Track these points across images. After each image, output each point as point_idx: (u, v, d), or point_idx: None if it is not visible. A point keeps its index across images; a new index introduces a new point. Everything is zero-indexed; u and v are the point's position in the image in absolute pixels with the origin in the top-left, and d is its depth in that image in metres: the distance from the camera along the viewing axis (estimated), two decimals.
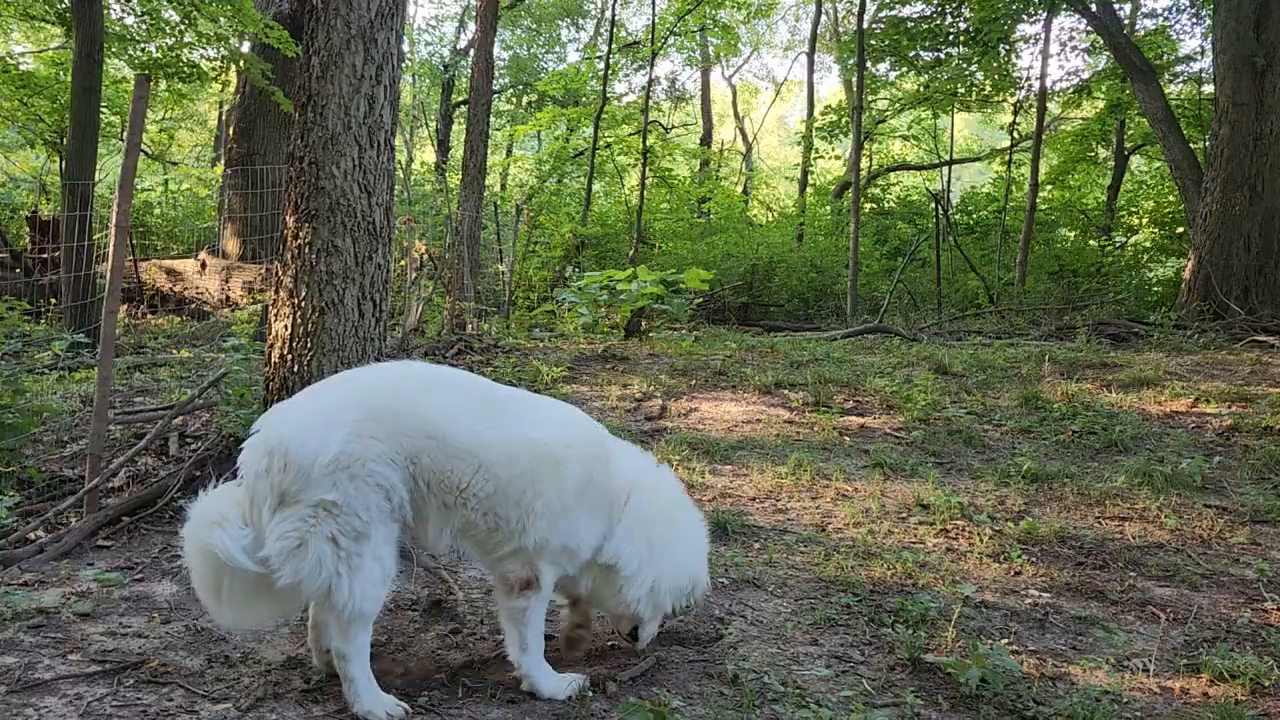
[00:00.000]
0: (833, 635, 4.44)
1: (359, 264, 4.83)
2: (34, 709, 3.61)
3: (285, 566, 3.50)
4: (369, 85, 4.76)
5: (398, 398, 3.73)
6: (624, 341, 12.70)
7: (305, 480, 3.50)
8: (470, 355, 10.83)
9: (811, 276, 20.98)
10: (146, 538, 5.65)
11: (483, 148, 14.31)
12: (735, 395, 9.51)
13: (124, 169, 5.57)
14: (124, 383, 9.46)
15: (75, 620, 4.43)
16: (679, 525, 4.14)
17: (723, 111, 40.92)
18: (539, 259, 18.96)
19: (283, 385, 4.96)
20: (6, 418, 6.39)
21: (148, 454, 7.12)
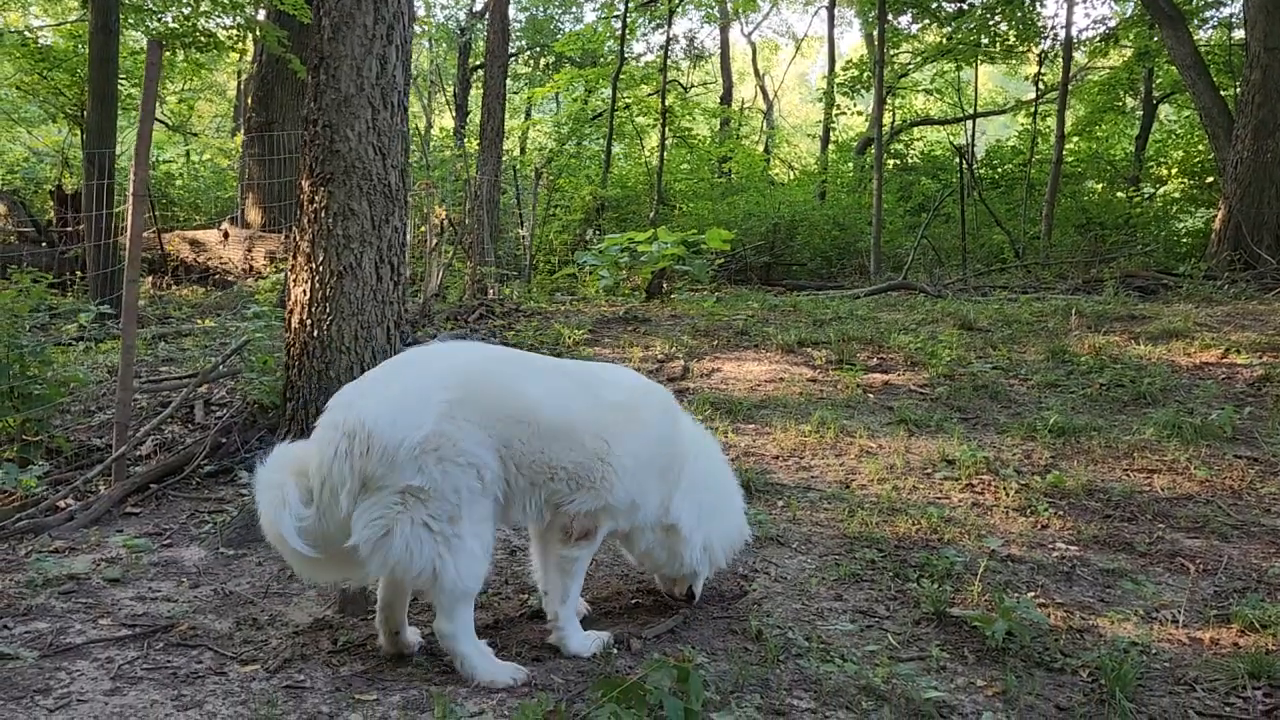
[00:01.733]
0: (857, 591, 4.43)
1: (375, 227, 4.81)
2: (66, 672, 3.65)
3: (374, 556, 3.42)
4: (380, 45, 4.71)
5: (488, 380, 3.65)
6: (645, 303, 12.66)
7: (390, 464, 3.39)
8: (492, 320, 10.83)
9: (834, 234, 20.79)
10: (174, 504, 5.71)
11: (500, 111, 14.22)
12: (758, 355, 9.47)
13: (139, 136, 5.56)
14: (149, 353, 9.53)
15: (105, 585, 4.48)
16: (725, 484, 4.23)
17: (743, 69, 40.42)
18: (559, 222, 18.88)
19: (303, 351, 4.96)
20: (34, 389, 6.45)
21: (174, 422, 7.19)
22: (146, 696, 3.48)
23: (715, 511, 4.10)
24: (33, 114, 29.12)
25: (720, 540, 4.12)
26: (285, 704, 3.43)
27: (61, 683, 3.57)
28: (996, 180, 25.64)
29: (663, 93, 21.56)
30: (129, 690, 3.53)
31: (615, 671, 3.65)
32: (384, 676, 3.66)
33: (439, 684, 3.60)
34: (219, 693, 3.52)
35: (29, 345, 6.49)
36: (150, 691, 3.52)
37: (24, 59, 22.29)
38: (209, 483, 6.02)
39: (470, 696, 3.48)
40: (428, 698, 3.45)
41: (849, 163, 28.12)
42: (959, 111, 30.15)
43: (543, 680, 3.58)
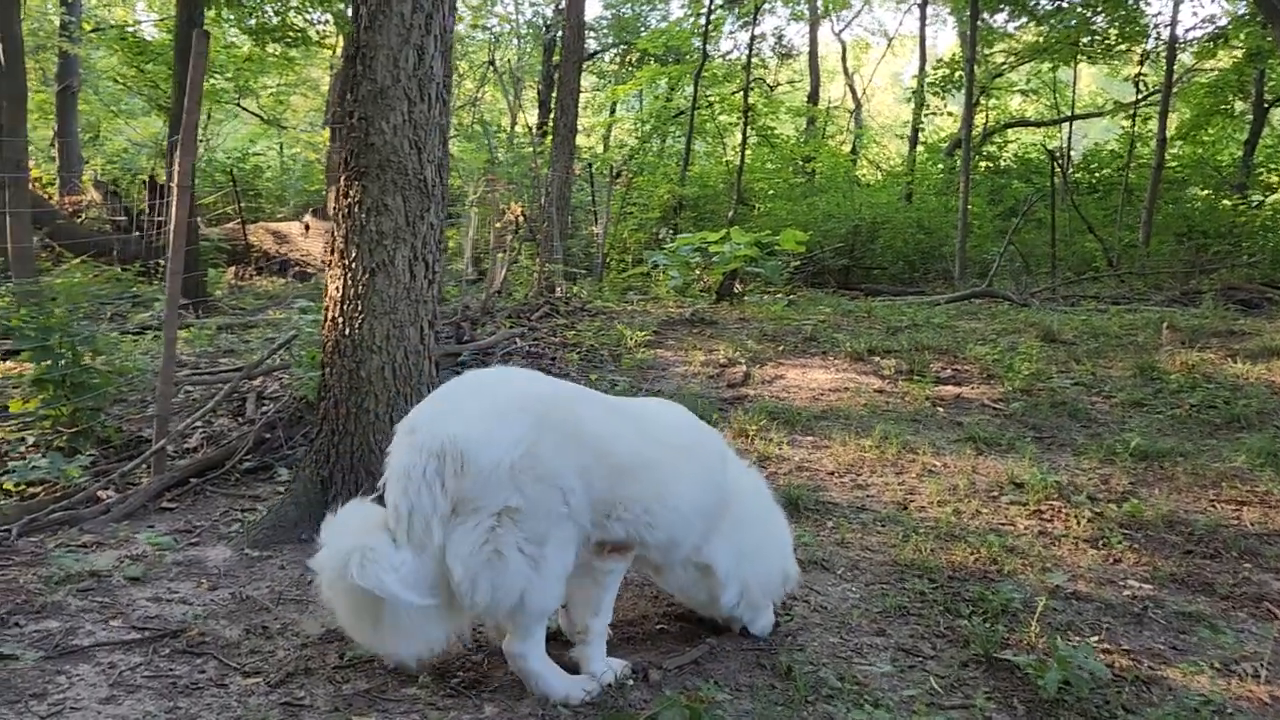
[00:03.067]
0: (903, 625, 4.10)
1: (410, 223, 4.64)
2: (66, 676, 3.55)
3: (479, 585, 3.19)
4: (418, 35, 4.53)
5: (565, 408, 3.46)
6: (715, 305, 12.38)
7: (487, 484, 3.18)
8: (555, 318, 10.66)
9: (918, 238, 20.20)
10: (210, 500, 5.63)
11: (573, 108, 14.05)
12: (824, 362, 9.12)
13: (184, 127, 5.49)
14: (212, 343, 9.58)
15: (124, 585, 4.39)
16: (768, 525, 4.02)
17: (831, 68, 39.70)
18: (635, 220, 18.66)
19: (335, 349, 4.82)
20: (86, 378, 6.45)
21: (225, 415, 7.16)
22: (141, 707, 3.34)
23: (756, 554, 3.89)
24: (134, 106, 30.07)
25: (759, 584, 3.90)
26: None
27: (59, 687, 3.46)
28: (1094, 185, 24.66)
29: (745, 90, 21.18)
30: (125, 699, 3.40)
31: (628, 705, 3.41)
32: (387, 697, 3.48)
33: (442, 708, 3.40)
34: (215, 707, 3.37)
35: (81, 333, 6.48)
36: (146, 702, 3.39)
37: (123, 52, 22.94)
38: (248, 479, 5.95)
39: None
40: None
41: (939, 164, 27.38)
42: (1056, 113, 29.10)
43: (547, 714, 3.35)
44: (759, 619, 3.98)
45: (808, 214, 19.81)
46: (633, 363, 8.74)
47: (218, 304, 13.19)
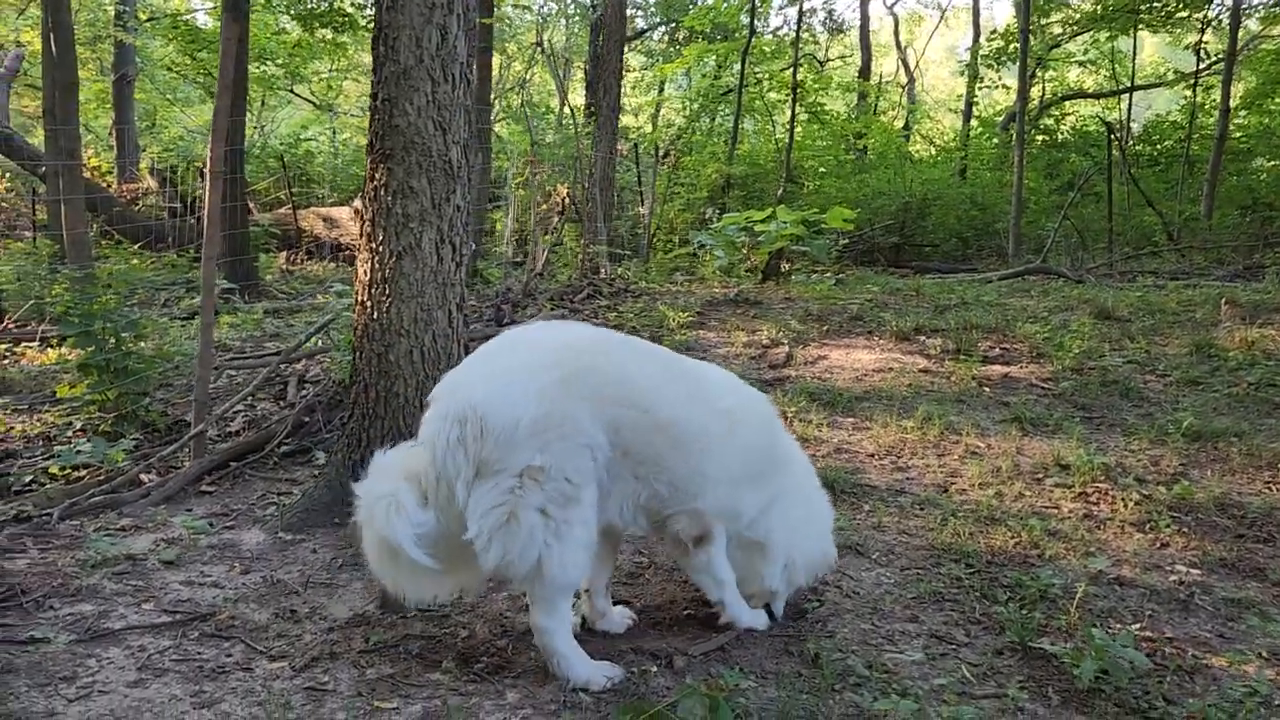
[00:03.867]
0: (937, 612, 4.00)
1: (435, 206, 4.60)
2: (97, 660, 3.59)
3: (493, 546, 3.21)
4: (441, 15, 4.47)
5: (599, 360, 3.45)
6: (760, 285, 12.24)
7: (508, 446, 3.18)
8: (598, 300, 10.61)
9: (972, 214, 19.80)
10: (249, 484, 5.68)
11: (616, 87, 13.93)
12: (869, 342, 8.97)
13: (216, 112, 5.51)
14: (259, 328, 9.67)
15: (159, 568, 4.44)
16: (813, 501, 3.99)
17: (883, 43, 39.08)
18: (682, 200, 18.52)
19: (364, 332, 4.81)
20: (129, 363, 6.54)
21: (266, 399, 7.23)
22: (167, 691, 3.37)
23: (802, 530, 3.86)
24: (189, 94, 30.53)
25: (804, 560, 3.87)
26: (302, 707, 3.27)
27: (89, 670, 3.50)
28: (1155, 158, 23.97)
29: (794, 67, 20.87)
30: (152, 683, 3.43)
31: (651, 692, 3.35)
32: (410, 682, 3.46)
33: (464, 693, 3.37)
34: (239, 691, 3.38)
35: (124, 319, 6.57)
36: (173, 685, 3.41)
37: (177, 41, 23.26)
38: (286, 463, 5.99)
39: (493, 712, 3.25)
40: (448, 710, 3.23)
41: (993, 139, 26.79)
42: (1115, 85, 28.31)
43: (570, 700, 3.31)
44: (779, 602, 3.94)
45: (857, 191, 19.51)
46: (673, 344, 8.65)
47: (268, 289, 13.33)
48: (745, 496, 3.71)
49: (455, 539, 3.31)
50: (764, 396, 4.02)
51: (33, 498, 5.39)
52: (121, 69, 24.92)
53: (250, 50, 21.73)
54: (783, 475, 3.86)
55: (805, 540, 3.87)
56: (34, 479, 5.75)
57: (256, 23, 21.83)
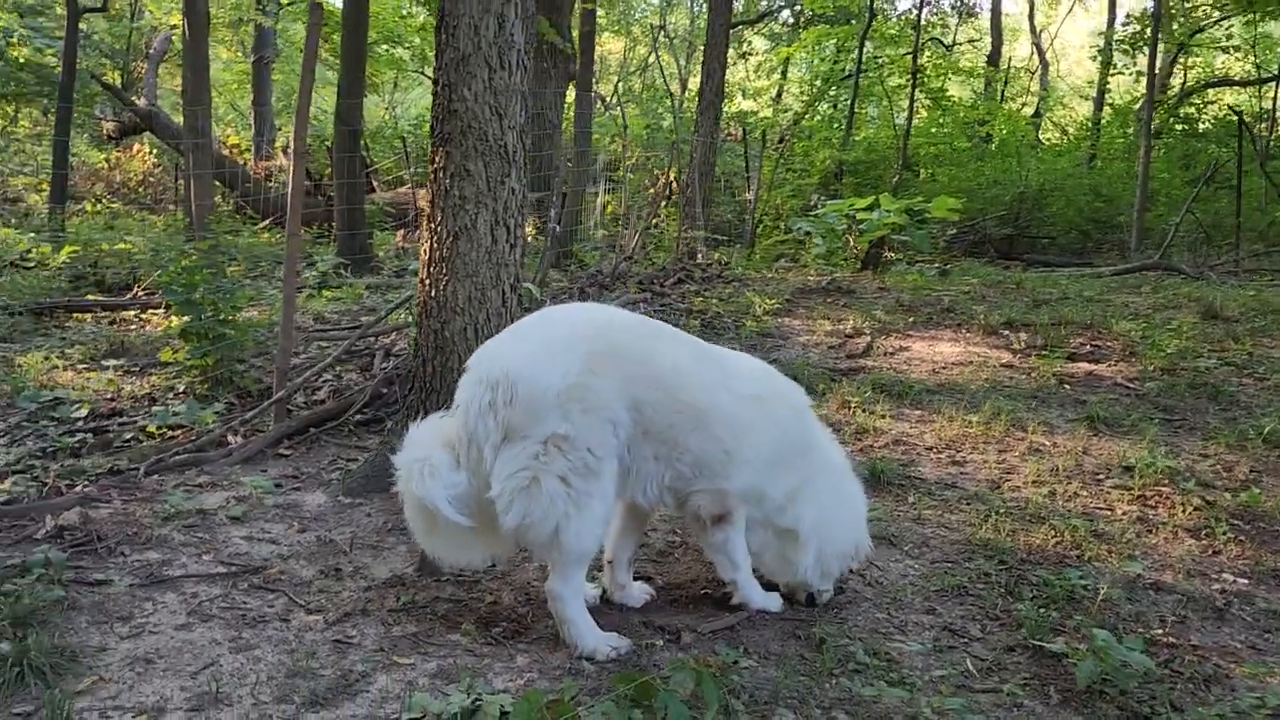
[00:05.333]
0: (956, 606, 3.99)
1: (490, 188, 4.77)
2: (153, 603, 3.90)
3: (513, 508, 3.39)
4: (499, 3, 4.63)
5: (626, 339, 3.62)
6: (857, 274, 12.12)
7: (535, 413, 3.36)
8: (688, 284, 10.70)
9: (1095, 206, 19.05)
10: (323, 449, 6.00)
11: (719, 73, 13.93)
12: (955, 334, 8.82)
13: (300, 93, 5.81)
14: (357, 302, 10.09)
15: (225, 523, 4.76)
16: (846, 491, 4.05)
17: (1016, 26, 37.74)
18: (791, 186, 18.38)
19: (424, 309, 5.03)
20: (225, 331, 6.95)
21: (354, 370, 7.58)
22: (209, 635, 3.64)
23: (835, 521, 3.92)
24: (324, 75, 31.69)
25: (836, 552, 3.93)
26: (326, 657, 3.50)
27: (144, 612, 3.81)
28: None
29: (914, 52, 20.43)
30: (197, 627, 3.71)
31: (654, 665, 3.47)
32: (430, 641, 3.66)
33: (479, 654, 3.55)
34: (274, 639, 3.63)
35: (222, 289, 6.98)
36: (215, 630, 3.69)
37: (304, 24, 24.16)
38: (360, 431, 6.29)
39: (502, 674, 3.42)
40: (458, 669, 3.41)
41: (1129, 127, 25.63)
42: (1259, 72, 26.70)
43: (575, 667, 3.45)
44: (824, 585, 3.98)
45: (972, 180, 19.00)
46: (754, 330, 8.69)
47: (379, 264, 13.83)
48: (772, 481, 3.79)
49: (485, 501, 3.49)
50: (797, 386, 4.08)
51: (128, 453, 5.82)
52: (261, 51, 26.11)
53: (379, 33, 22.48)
54: (813, 464, 3.93)
55: (837, 529, 3.92)
56: (133, 436, 6.20)
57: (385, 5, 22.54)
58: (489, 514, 3.51)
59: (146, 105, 20.76)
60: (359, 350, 7.86)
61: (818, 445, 4.00)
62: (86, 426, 6.32)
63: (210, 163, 13.17)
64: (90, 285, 11.41)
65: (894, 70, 24.33)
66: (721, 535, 3.79)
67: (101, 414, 6.60)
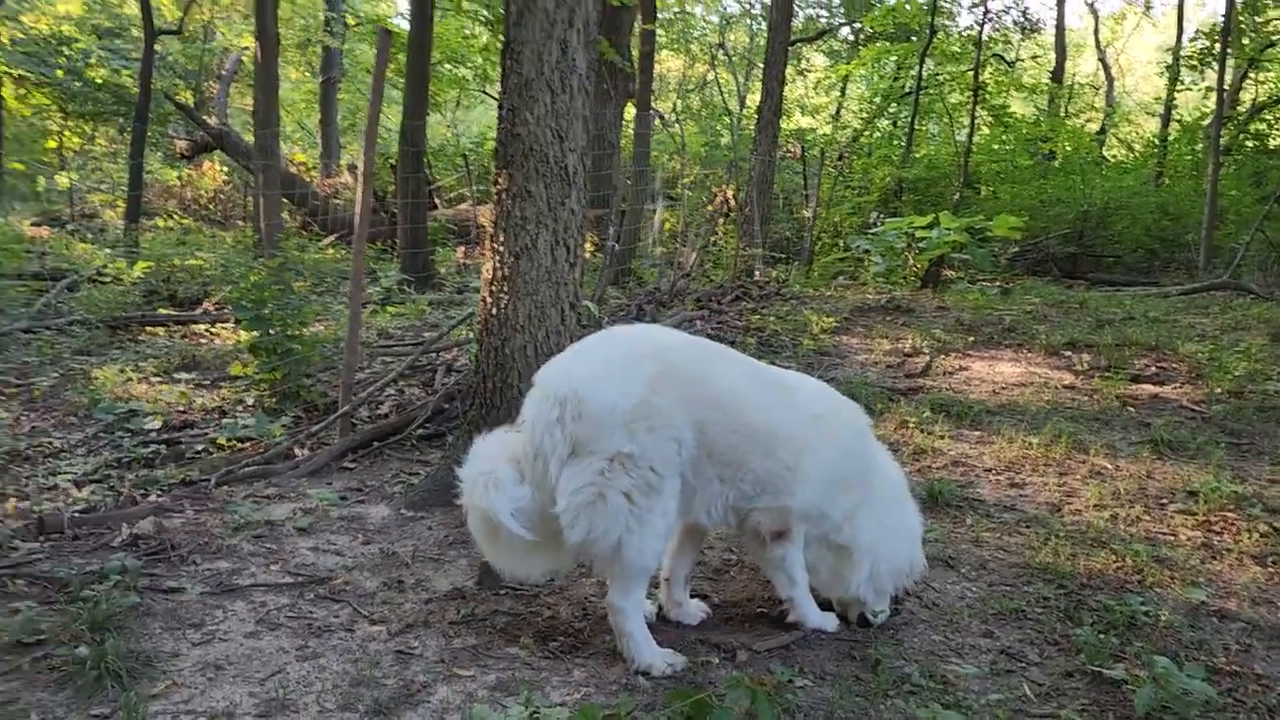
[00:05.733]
0: (1014, 629, 3.97)
1: (551, 209, 4.87)
2: (223, 611, 4.03)
3: (578, 523, 3.46)
4: (561, 29, 4.74)
5: (691, 363, 3.69)
6: (916, 292, 12.05)
7: (602, 430, 3.44)
8: (745, 302, 10.73)
9: (1162, 224, 18.68)
10: (386, 463, 6.13)
11: (778, 91, 13.96)
12: (1016, 354, 8.74)
13: (369, 119, 5.96)
14: (420, 318, 10.27)
15: (292, 534, 4.89)
16: (902, 510, 4.06)
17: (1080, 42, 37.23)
18: (850, 204, 18.31)
19: (485, 326, 5.14)
20: (293, 346, 7.14)
21: (416, 385, 7.72)
22: (277, 643, 3.76)
23: (889, 538, 3.94)
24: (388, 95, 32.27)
25: (889, 569, 3.94)
26: (389, 667, 3.58)
27: (214, 620, 3.94)
28: None
29: (975, 68, 20.27)
30: (265, 635, 3.83)
31: (709, 682, 3.50)
32: (490, 653, 3.73)
33: (536, 668, 3.62)
34: (339, 649, 3.73)
35: (290, 305, 7.17)
36: (283, 639, 3.80)
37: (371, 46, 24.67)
38: (422, 445, 6.41)
39: (559, 687, 3.48)
40: (517, 682, 3.47)
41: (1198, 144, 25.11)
42: None
43: (631, 682, 3.50)
44: (879, 605, 3.99)
45: (1035, 197, 18.76)
46: (811, 349, 8.69)
47: (441, 281, 14.06)
48: (832, 499, 3.82)
49: (550, 515, 3.56)
50: (856, 406, 4.11)
51: (199, 465, 6.00)
52: (328, 72, 26.73)
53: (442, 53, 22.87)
54: (872, 483, 3.95)
55: (892, 548, 3.93)
56: (204, 448, 6.40)
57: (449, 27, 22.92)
58: (551, 528, 3.58)
59: (218, 124, 21.33)
60: (421, 366, 8.01)
61: (876, 464, 4.03)
62: (159, 438, 6.53)
63: (279, 182, 13.49)
64: (163, 300, 11.76)
65: (955, 87, 24.15)
66: (780, 551, 3.83)
67: (174, 426, 6.81)
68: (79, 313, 10.33)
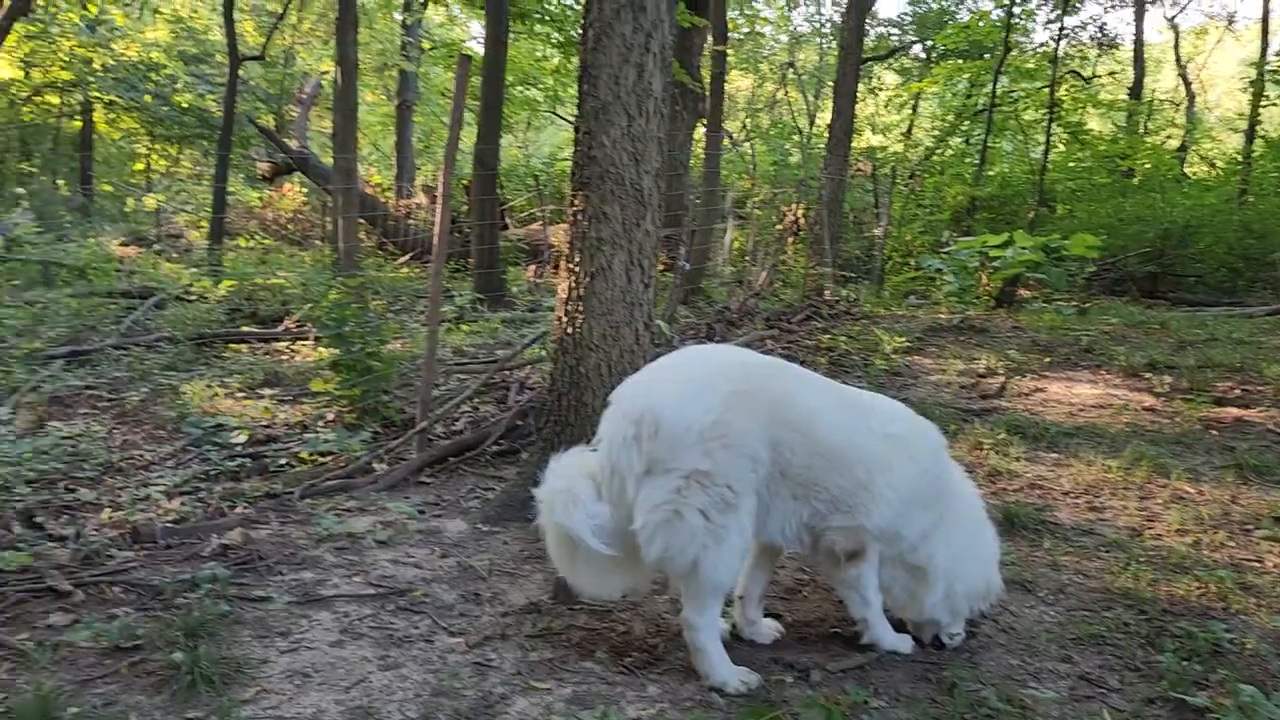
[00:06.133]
0: (1094, 655, 3.92)
1: (626, 231, 4.95)
2: (309, 620, 4.14)
3: (655, 540, 3.52)
4: (638, 54, 4.82)
5: (767, 382, 3.74)
6: (990, 312, 11.91)
7: (678, 448, 3.50)
8: (815, 321, 10.70)
9: (1247, 243, 18.19)
10: (461, 478, 6.24)
11: (849, 110, 13.94)
12: (1094, 376, 8.60)
13: (448, 143, 6.11)
14: (493, 336, 10.44)
15: (372, 547, 5.01)
16: (978, 531, 4.05)
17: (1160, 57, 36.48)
18: (921, 222, 18.18)
19: (560, 346, 5.23)
20: (372, 363, 7.31)
21: (490, 402, 7.85)
22: (360, 653, 3.86)
23: (965, 559, 3.92)
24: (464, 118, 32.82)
25: (965, 591, 3.93)
26: (468, 678, 3.66)
27: (300, 628, 4.06)
28: None
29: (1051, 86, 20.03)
30: (349, 644, 3.93)
31: (783, 701, 3.52)
32: (566, 667, 3.79)
33: (611, 682, 3.67)
34: (419, 659, 3.82)
35: (371, 323, 7.35)
36: (365, 648, 3.90)
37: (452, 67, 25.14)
38: (496, 461, 6.52)
39: (634, 702, 3.53)
40: (593, 696, 3.53)
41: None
42: None
43: (705, 699, 3.53)
44: (954, 627, 3.97)
45: (1112, 216, 18.42)
46: (882, 369, 8.65)
47: (513, 300, 14.27)
48: (908, 520, 3.81)
49: (627, 532, 3.61)
50: (933, 426, 4.09)
51: (283, 478, 6.18)
52: (404, 95, 27.31)
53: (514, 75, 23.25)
54: (948, 504, 3.93)
55: (968, 569, 3.92)
56: (287, 462, 6.58)
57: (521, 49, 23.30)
58: (629, 545, 3.63)
59: (298, 147, 21.90)
60: (495, 383, 8.14)
61: (952, 485, 4.01)
62: (245, 451, 6.73)
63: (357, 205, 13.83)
64: (245, 317, 12.11)
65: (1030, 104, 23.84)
66: (854, 572, 3.83)
67: (258, 440, 7.02)
68: (166, 330, 10.69)
